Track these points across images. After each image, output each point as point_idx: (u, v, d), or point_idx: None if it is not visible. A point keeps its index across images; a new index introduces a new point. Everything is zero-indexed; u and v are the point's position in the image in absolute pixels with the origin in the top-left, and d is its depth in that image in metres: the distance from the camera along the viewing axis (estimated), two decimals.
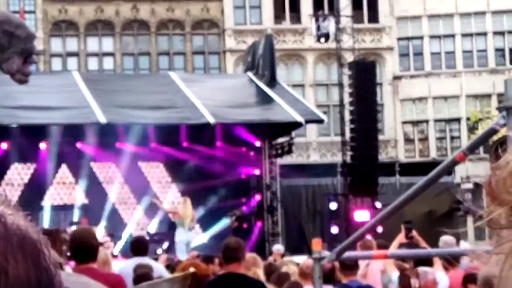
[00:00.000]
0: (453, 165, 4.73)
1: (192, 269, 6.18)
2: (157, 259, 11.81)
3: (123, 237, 21.35)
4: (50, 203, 23.06)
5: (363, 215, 23.68)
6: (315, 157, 32.66)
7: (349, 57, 28.15)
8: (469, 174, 30.42)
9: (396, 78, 34.35)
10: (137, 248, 8.94)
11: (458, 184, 30.35)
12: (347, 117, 26.35)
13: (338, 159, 28.19)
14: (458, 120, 34.33)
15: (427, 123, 34.58)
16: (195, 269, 6.29)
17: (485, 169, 26.96)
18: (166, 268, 9.82)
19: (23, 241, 0.87)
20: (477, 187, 28.21)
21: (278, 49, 28.28)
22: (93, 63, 33.37)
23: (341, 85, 27.31)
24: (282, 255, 15.07)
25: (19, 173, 22.99)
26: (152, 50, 33.68)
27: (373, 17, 34.56)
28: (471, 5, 34.50)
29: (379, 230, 15.23)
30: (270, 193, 23.62)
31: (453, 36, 34.99)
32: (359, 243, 8.09)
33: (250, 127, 22.33)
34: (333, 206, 25.61)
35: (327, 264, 5.51)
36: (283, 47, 32.92)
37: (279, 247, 16.97)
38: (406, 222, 9.03)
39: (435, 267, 8.24)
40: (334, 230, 24.79)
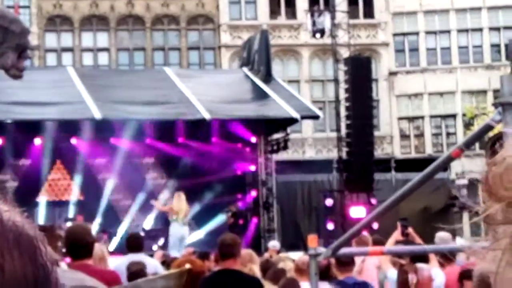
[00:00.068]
0: (449, 161, 4.73)
1: (187, 266, 6.17)
2: (152, 256, 11.81)
3: (118, 234, 21.34)
4: (45, 200, 23.01)
5: (359, 211, 23.71)
6: (310, 153, 32.67)
7: (344, 53, 28.15)
8: (464, 170, 30.47)
9: (391, 74, 34.36)
10: (132, 244, 8.94)
11: (453, 180, 30.39)
12: (343, 113, 26.35)
13: (333, 155, 28.20)
14: (454, 116, 34.36)
15: (423, 119, 34.60)
16: (190, 266, 6.28)
17: (481, 165, 26.96)
18: (161, 264, 9.81)
19: (19, 238, 0.87)
20: (472, 183, 28.25)
21: (273, 45, 28.24)
22: (88, 59, 33.30)
23: (336, 81, 27.30)
24: (278, 252, 15.08)
25: (14, 169, 22.93)
26: (147, 45, 33.63)
27: (369, 12, 34.56)
28: (466, 1, 34.52)
29: (375, 226, 15.28)
30: (265, 189, 23.63)
31: (448, 32, 35.01)
32: (354, 239, 8.09)
33: (245, 123, 22.31)
34: (329, 202, 25.64)
35: (323, 260, 5.51)
36: (279, 43, 32.90)
37: (275, 244, 16.97)
38: (402, 219, 9.05)
39: (431, 264, 8.24)
40: (330, 226, 24.81)
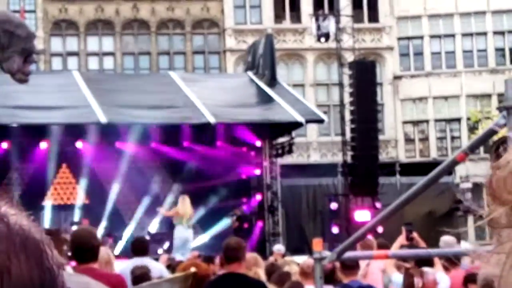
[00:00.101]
0: (454, 165, 4.73)
1: (193, 269, 6.18)
2: (158, 259, 11.81)
3: (123, 237, 21.34)
4: (50, 203, 23.03)
5: (363, 215, 23.67)
6: (315, 157, 32.65)
7: (349, 57, 28.14)
8: (469, 174, 30.42)
9: (396, 78, 34.34)
10: (137, 248, 8.94)
11: (457, 184, 30.35)
12: (348, 117, 26.33)
13: (338, 159, 28.18)
14: (458, 120, 34.32)
15: (428, 123, 34.57)
16: (196, 269, 6.29)
17: (485, 169, 26.93)
18: (166, 268, 9.81)
19: (26, 241, 0.87)
20: (477, 186, 28.19)
21: (278, 49, 28.26)
22: (93, 63, 33.36)
23: (341, 84, 27.29)
24: (283, 255, 15.07)
25: (20, 173, 22.97)
26: (152, 49, 33.68)
27: (373, 16, 34.56)
28: (471, 5, 34.50)
29: (380, 230, 15.25)
30: (270, 193, 23.60)
31: (453, 36, 34.99)
32: (359, 243, 8.09)
33: (250, 127, 22.30)
34: (334, 206, 25.60)
35: (327, 264, 5.51)
36: (283, 47, 32.92)
37: (279, 247, 16.95)
38: (406, 224, 9.03)
39: (436, 268, 8.23)
40: (334, 230, 24.78)
